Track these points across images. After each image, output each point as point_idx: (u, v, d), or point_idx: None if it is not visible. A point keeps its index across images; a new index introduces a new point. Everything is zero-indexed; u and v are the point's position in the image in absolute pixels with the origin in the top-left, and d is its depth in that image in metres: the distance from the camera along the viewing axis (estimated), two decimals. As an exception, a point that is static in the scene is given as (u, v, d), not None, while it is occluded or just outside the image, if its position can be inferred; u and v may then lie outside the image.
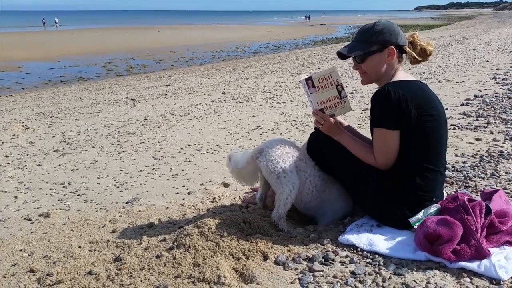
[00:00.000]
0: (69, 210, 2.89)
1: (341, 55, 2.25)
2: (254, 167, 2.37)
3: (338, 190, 2.35)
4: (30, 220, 2.74)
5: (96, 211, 2.84)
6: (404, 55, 2.20)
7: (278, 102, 6.40)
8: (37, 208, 2.94)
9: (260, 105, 6.25)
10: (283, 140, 2.39)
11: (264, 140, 4.37)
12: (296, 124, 4.98)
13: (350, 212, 2.41)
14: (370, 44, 2.13)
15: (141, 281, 1.86)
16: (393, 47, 2.12)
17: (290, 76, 9.42)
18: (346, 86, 2.24)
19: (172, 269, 1.94)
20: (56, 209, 2.88)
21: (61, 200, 3.07)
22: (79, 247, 2.29)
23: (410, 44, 2.19)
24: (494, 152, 3.50)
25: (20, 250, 2.30)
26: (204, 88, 8.34)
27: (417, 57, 2.18)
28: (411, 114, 1.99)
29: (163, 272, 1.92)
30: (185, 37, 30.08)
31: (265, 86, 8.17)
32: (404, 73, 2.18)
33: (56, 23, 52.93)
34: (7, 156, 4.23)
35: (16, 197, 3.16)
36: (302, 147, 2.45)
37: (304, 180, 2.30)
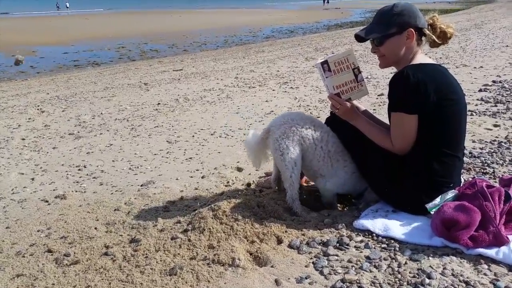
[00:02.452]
0: (85, 192, 2.92)
1: (359, 38, 2.19)
2: (263, 146, 2.42)
3: (352, 169, 2.31)
4: (46, 201, 2.78)
5: (112, 194, 2.87)
6: (423, 38, 2.14)
7: (291, 87, 6.34)
8: (54, 190, 2.98)
9: (273, 90, 6.21)
10: (287, 114, 2.38)
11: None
12: (310, 109, 4.94)
13: (354, 193, 2.41)
14: (388, 26, 2.08)
15: (156, 262, 1.88)
16: (412, 29, 2.06)
17: (303, 61, 9.32)
18: (362, 71, 2.21)
19: (187, 251, 1.96)
20: (72, 191, 2.92)
21: (77, 182, 3.11)
22: (95, 228, 2.32)
23: (429, 27, 2.13)
24: (513, 138, 3.43)
25: (38, 231, 2.35)
26: (217, 73, 8.30)
27: (436, 40, 2.13)
28: (430, 98, 1.95)
29: (179, 254, 1.94)
30: (197, 22, 29.90)
31: (278, 71, 8.10)
32: (423, 56, 2.13)
33: (67, 7, 53.08)
34: (23, 139, 4.29)
35: (33, 179, 3.20)
36: (321, 124, 2.39)
37: (314, 147, 2.28)
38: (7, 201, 2.81)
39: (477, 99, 4.82)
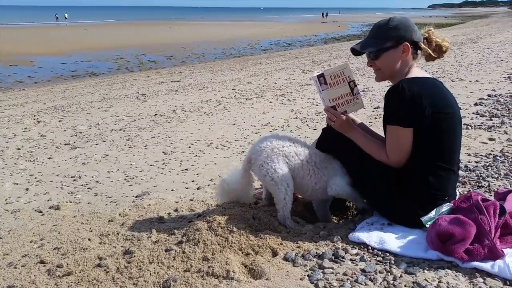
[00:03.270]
0: (79, 203, 2.90)
1: (355, 52, 2.21)
2: (248, 178, 2.38)
3: (340, 167, 2.30)
4: (40, 212, 2.76)
5: (106, 204, 2.85)
6: (419, 51, 2.16)
7: (288, 99, 6.37)
8: (48, 200, 2.96)
9: (270, 102, 6.23)
10: (264, 138, 2.36)
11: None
12: (306, 121, 4.96)
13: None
14: (384, 40, 2.09)
15: (150, 274, 1.86)
16: (407, 43, 2.08)
17: (300, 73, 9.38)
18: (358, 84, 2.23)
19: (181, 263, 1.94)
20: (67, 202, 2.90)
21: (72, 193, 3.09)
22: (89, 239, 2.30)
23: (425, 40, 2.15)
24: (508, 152, 3.44)
25: (31, 242, 2.32)
26: (215, 85, 8.34)
27: (432, 53, 2.14)
28: (425, 112, 1.96)
29: (172, 266, 1.92)
30: (196, 34, 30.13)
31: (275, 83, 8.15)
32: (419, 70, 2.14)
33: (66, 18, 53.50)
34: (19, 149, 4.27)
35: (27, 189, 3.19)
36: (299, 139, 2.38)
37: (300, 163, 2.26)
38: (0, 211, 2.79)
39: (473, 113, 4.85)
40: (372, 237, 2.03)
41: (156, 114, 5.74)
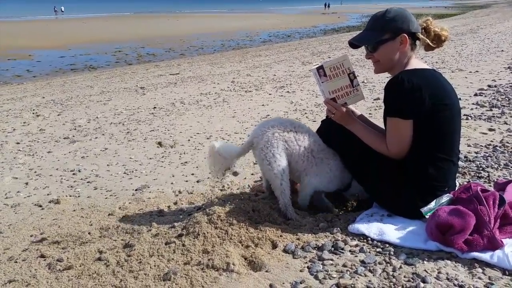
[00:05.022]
0: (79, 196, 2.90)
1: (353, 45, 2.20)
2: (240, 156, 2.41)
3: (336, 165, 2.32)
4: (40, 206, 2.76)
5: (106, 198, 2.86)
6: (417, 42, 2.14)
7: (288, 91, 6.35)
8: (48, 194, 2.97)
9: (269, 94, 6.21)
10: (267, 122, 2.37)
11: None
12: (306, 113, 4.94)
13: (342, 188, 2.40)
14: (382, 33, 2.08)
15: (150, 268, 1.87)
16: (405, 34, 2.06)
17: (300, 65, 9.34)
18: (358, 75, 2.21)
19: (181, 255, 1.94)
20: (66, 196, 2.91)
21: (71, 187, 3.09)
22: (89, 233, 2.30)
23: (423, 31, 2.14)
24: (508, 142, 3.44)
25: (31, 236, 2.32)
26: (214, 77, 8.30)
27: (431, 43, 2.13)
28: (425, 103, 1.95)
29: (173, 259, 1.92)
30: (194, 26, 29.97)
31: (274, 75, 8.11)
32: (418, 61, 2.13)
33: (62, 11, 53.10)
34: (18, 143, 4.27)
35: (27, 183, 3.18)
36: (302, 125, 2.39)
37: (298, 149, 2.28)
38: (0, 205, 2.79)
39: (473, 104, 4.84)
40: (372, 228, 2.04)
41: (155, 107, 5.73)
